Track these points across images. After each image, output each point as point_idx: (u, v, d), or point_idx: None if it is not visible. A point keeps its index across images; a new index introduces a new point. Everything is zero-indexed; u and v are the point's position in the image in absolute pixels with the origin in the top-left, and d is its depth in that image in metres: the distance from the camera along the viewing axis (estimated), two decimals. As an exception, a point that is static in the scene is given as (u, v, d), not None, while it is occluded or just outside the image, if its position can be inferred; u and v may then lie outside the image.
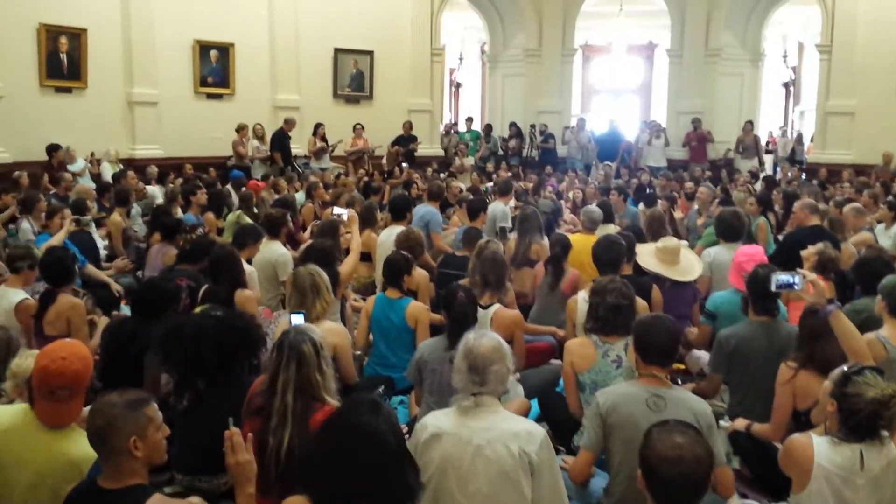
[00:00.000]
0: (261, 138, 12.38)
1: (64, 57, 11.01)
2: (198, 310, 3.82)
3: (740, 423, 3.82)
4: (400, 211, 7.09)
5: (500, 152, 16.02)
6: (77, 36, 11.08)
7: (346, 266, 5.22)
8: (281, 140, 12.59)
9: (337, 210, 6.44)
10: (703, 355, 4.97)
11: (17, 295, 4.72)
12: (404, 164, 12.74)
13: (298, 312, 3.84)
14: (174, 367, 3.41)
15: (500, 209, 7.91)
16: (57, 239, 6.15)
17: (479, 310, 4.51)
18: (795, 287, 3.44)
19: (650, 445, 2.36)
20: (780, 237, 7.47)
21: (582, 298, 4.61)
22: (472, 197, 8.51)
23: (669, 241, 5.49)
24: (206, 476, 3.21)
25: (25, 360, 3.33)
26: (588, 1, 16.19)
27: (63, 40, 10.95)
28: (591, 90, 22.19)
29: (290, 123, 12.79)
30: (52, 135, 10.49)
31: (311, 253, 5.02)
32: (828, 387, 2.80)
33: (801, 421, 3.43)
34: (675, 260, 5.34)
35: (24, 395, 3.20)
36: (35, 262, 4.88)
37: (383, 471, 2.21)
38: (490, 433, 2.77)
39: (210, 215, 8.08)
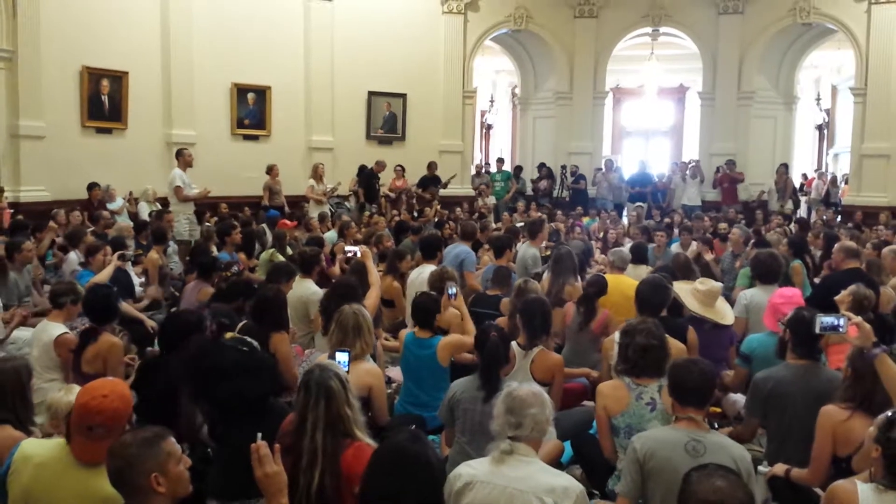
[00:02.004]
0: (320, 178, 12.54)
1: (105, 99, 11.31)
2: (229, 335, 3.83)
3: (779, 469, 3.72)
4: (431, 250, 7.09)
5: (530, 193, 16.06)
6: (118, 78, 11.39)
7: (370, 300, 5.21)
8: (368, 179, 13.01)
9: (348, 248, 6.46)
10: (739, 399, 4.86)
11: (56, 329, 4.78)
12: (436, 203, 12.87)
13: (344, 350, 3.80)
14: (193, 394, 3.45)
15: (531, 254, 7.75)
16: (104, 275, 6.23)
17: (520, 351, 4.50)
18: (840, 329, 3.37)
19: (690, 490, 2.32)
20: (818, 280, 7.35)
21: (617, 340, 4.56)
22: (497, 235, 8.47)
23: (709, 282, 5.42)
24: (241, 500, 3.19)
25: (63, 395, 3.36)
26: (619, 45, 16.31)
27: (105, 82, 11.26)
28: (622, 132, 22.25)
29: (380, 165, 13.24)
30: (93, 174, 10.71)
31: (337, 290, 5.03)
32: (872, 432, 2.72)
33: (842, 468, 3.33)
34: (714, 302, 5.27)
35: (60, 429, 3.22)
36: (78, 298, 4.93)
37: (431, 493, 2.28)
38: (525, 483, 2.73)
39: (243, 254, 8.17)
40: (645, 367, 3.75)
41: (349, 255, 6.31)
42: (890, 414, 2.69)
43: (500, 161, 17.11)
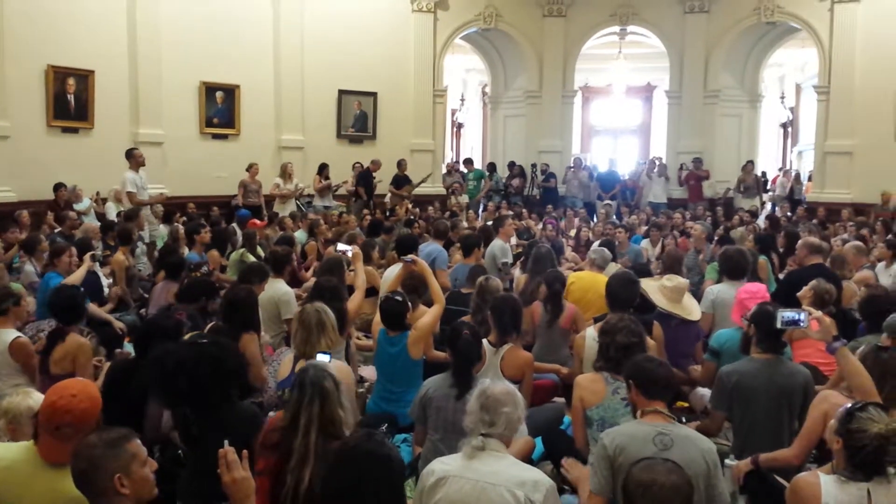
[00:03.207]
0: (289, 176, 12.50)
1: (71, 98, 11.15)
2: (187, 337, 3.81)
3: (746, 464, 3.75)
4: (406, 249, 7.10)
5: (503, 190, 16.14)
6: (84, 77, 11.23)
7: (353, 303, 5.22)
8: (366, 178, 13.27)
9: (341, 247, 6.42)
10: (707, 393, 4.92)
11: (9, 334, 4.68)
12: (406, 201, 12.91)
13: (326, 353, 3.81)
14: (159, 394, 3.40)
15: (499, 245, 7.89)
16: (77, 277, 6.18)
17: (490, 348, 4.53)
18: (801, 324, 3.43)
19: (629, 477, 2.46)
20: (782, 276, 7.46)
21: (591, 336, 4.61)
22: (466, 234, 8.52)
23: (676, 279, 5.49)
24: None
25: (20, 399, 3.32)
26: (587, 43, 16.43)
27: (70, 81, 11.09)
28: (591, 130, 22.42)
29: (376, 164, 13.43)
30: (59, 174, 10.55)
31: (321, 290, 5.03)
32: (833, 425, 2.78)
33: (826, 451, 3.37)
34: (681, 298, 5.34)
35: (16, 433, 3.19)
36: (18, 299, 4.85)
37: (388, 489, 2.33)
38: (496, 477, 2.78)
39: (214, 253, 8.12)
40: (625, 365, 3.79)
41: (341, 253, 6.28)
42: (849, 406, 2.76)
43: (469, 161, 17.17)
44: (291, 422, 2.92)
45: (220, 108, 13.06)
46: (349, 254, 5.89)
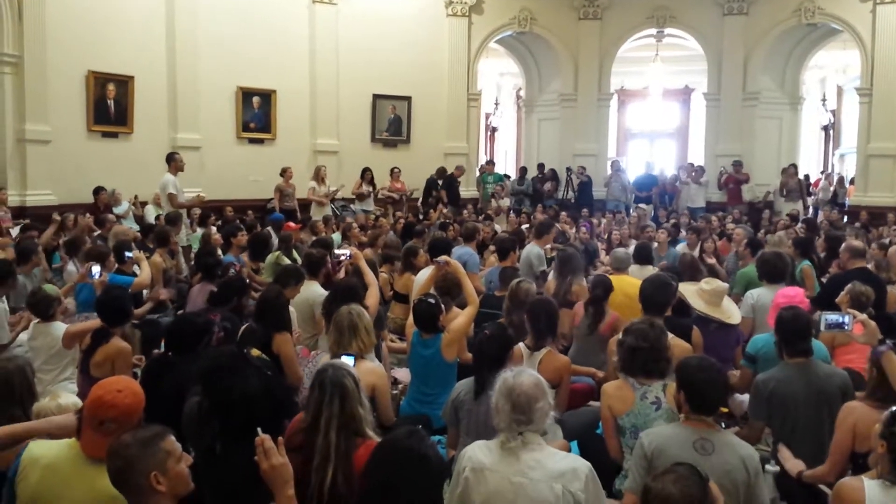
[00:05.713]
0: (322, 180, 12.60)
1: (111, 103, 11.36)
2: (256, 353, 3.78)
3: (792, 466, 3.67)
4: (439, 252, 7.09)
5: (531, 194, 16.04)
6: (124, 83, 11.44)
7: (370, 300, 5.22)
8: (450, 184, 13.94)
9: (338, 251, 6.48)
10: (746, 399, 4.84)
11: (60, 327, 4.95)
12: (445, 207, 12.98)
13: (350, 355, 3.81)
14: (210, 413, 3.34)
15: (536, 252, 7.79)
16: (145, 276, 6.49)
17: (526, 352, 4.49)
18: (846, 327, 3.37)
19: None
20: (824, 280, 7.32)
21: (622, 341, 4.56)
22: (501, 237, 8.46)
23: (714, 282, 5.41)
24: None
25: (48, 400, 3.37)
26: (624, 46, 16.30)
27: (111, 87, 11.31)
28: (627, 133, 22.21)
29: (459, 170, 14.04)
30: (98, 178, 10.78)
31: (338, 291, 5.05)
32: (877, 428, 2.72)
33: (859, 464, 3.32)
34: (720, 302, 5.26)
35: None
36: (59, 299, 5.07)
37: (427, 487, 2.33)
38: (533, 472, 2.75)
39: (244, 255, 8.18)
40: (633, 368, 3.74)
41: (341, 258, 6.30)
42: (894, 409, 2.69)
43: (490, 164, 17.18)
44: (312, 421, 2.93)
45: (257, 113, 13.22)
46: (349, 256, 5.95)
